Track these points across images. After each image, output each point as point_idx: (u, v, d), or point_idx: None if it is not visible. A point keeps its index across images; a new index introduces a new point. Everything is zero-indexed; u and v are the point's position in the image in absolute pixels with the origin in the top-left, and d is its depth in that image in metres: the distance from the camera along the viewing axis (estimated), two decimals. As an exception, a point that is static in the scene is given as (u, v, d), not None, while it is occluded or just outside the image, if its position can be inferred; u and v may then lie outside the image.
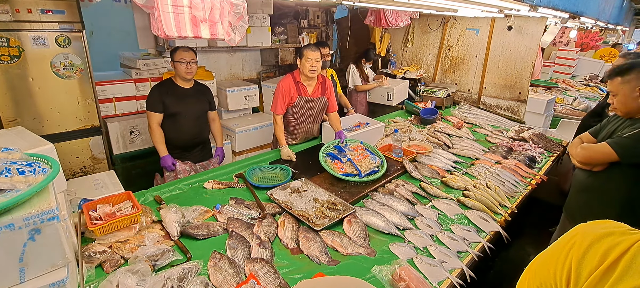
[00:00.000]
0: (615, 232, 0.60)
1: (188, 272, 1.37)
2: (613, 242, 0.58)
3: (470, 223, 1.94)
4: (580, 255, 0.60)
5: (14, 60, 2.44)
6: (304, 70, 2.68)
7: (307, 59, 2.62)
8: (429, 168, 2.58)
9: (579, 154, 2.03)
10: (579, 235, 0.63)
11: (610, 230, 0.61)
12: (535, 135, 3.37)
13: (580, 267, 0.59)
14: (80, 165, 2.86)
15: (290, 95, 2.75)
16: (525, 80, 4.00)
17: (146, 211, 1.82)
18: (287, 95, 2.74)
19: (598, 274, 0.56)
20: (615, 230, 0.60)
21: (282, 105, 2.74)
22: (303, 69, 2.68)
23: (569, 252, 0.61)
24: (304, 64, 2.64)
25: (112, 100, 3.23)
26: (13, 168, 1.08)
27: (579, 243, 0.61)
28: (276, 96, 2.74)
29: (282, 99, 2.73)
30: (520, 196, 2.32)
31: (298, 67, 2.77)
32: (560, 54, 6.87)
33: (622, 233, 0.59)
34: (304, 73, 2.70)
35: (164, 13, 1.71)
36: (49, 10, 2.48)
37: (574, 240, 0.63)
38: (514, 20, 3.26)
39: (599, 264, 0.57)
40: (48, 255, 1.06)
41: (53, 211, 1.04)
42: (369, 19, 4.27)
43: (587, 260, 0.59)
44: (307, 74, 2.68)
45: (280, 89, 2.72)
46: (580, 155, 2.02)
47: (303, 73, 2.71)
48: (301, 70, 2.71)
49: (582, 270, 0.58)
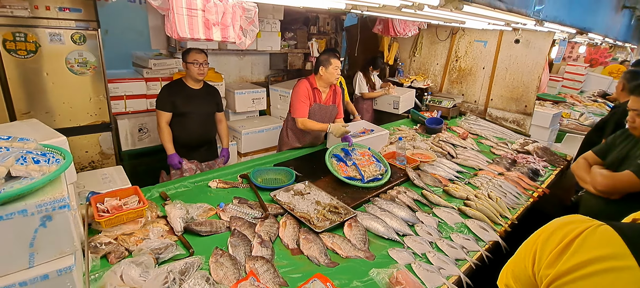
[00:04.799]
0: (575, 221, 0.69)
1: (190, 266, 1.40)
2: (571, 227, 0.68)
3: (469, 232, 1.95)
4: (544, 239, 0.71)
5: (30, 55, 2.52)
6: (329, 78, 2.77)
7: (335, 67, 2.73)
8: (432, 177, 2.59)
9: (601, 183, 1.90)
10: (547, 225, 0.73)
11: (571, 220, 0.71)
12: (539, 148, 3.37)
13: (543, 248, 0.69)
14: (89, 159, 2.93)
15: (309, 100, 2.82)
16: (532, 94, 4.01)
17: (152, 206, 1.86)
18: (307, 99, 2.80)
19: (556, 252, 0.66)
20: (576, 220, 0.70)
21: (304, 108, 2.79)
22: (328, 77, 2.76)
23: (537, 239, 0.72)
24: (331, 72, 2.74)
25: (123, 98, 3.30)
26: (28, 157, 1.13)
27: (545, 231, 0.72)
28: (296, 101, 2.79)
29: (303, 103, 2.78)
30: (521, 208, 2.32)
31: (314, 74, 2.83)
32: (569, 68, 6.85)
33: (582, 221, 0.69)
34: (328, 80, 2.79)
35: (178, 15, 1.77)
36: (67, 8, 2.56)
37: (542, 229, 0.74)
38: (521, 34, 3.28)
39: (558, 244, 0.67)
40: (57, 242, 1.10)
41: (64, 199, 1.08)
42: (377, 28, 4.32)
43: (549, 242, 0.69)
44: (333, 81, 2.80)
45: (300, 94, 2.78)
46: (602, 185, 1.89)
47: (326, 80, 2.79)
48: (324, 77, 2.78)
49: (545, 249, 0.69)
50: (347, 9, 1.76)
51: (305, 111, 2.80)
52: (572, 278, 0.62)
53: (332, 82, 2.85)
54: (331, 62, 2.73)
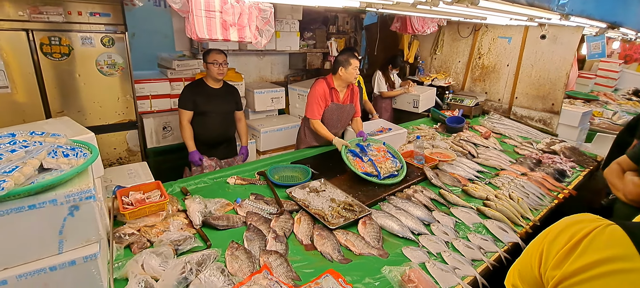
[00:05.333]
0: (584, 221, 0.66)
1: (207, 258, 1.46)
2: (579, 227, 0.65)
3: (488, 233, 1.90)
4: (551, 239, 0.68)
5: (64, 58, 2.69)
6: (348, 78, 2.78)
7: (354, 67, 2.75)
8: (451, 177, 2.54)
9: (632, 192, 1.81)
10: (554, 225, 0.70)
11: (580, 219, 0.67)
12: (567, 148, 3.22)
13: (550, 247, 0.67)
14: (116, 155, 3.09)
15: (325, 100, 2.83)
16: (559, 91, 3.84)
17: (173, 200, 1.95)
18: (323, 100, 2.82)
19: (563, 252, 0.64)
20: (585, 219, 0.67)
21: (319, 109, 2.81)
22: (348, 77, 2.78)
23: (544, 238, 0.70)
24: (351, 72, 2.75)
25: (148, 98, 3.45)
26: (59, 151, 1.21)
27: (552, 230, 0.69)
28: (312, 102, 2.81)
29: (318, 104, 2.80)
30: (544, 209, 2.23)
31: (331, 74, 2.85)
32: (602, 65, 6.49)
33: (590, 221, 0.65)
34: (347, 80, 2.81)
35: (197, 17, 1.84)
36: (97, 13, 2.71)
37: (549, 229, 0.70)
38: (547, 29, 3.15)
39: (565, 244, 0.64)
40: (84, 230, 1.18)
41: (90, 191, 1.15)
42: (395, 25, 4.28)
43: (556, 242, 0.66)
44: (351, 80, 2.82)
45: (316, 95, 2.79)
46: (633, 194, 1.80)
47: (345, 80, 2.81)
48: (343, 77, 2.79)
49: (552, 250, 0.66)
50: (361, 7, 1.76)
51: (318, 113, 2.81)
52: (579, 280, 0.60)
53: (351, 82, 2.86)
54: (351, 63, 2.73)
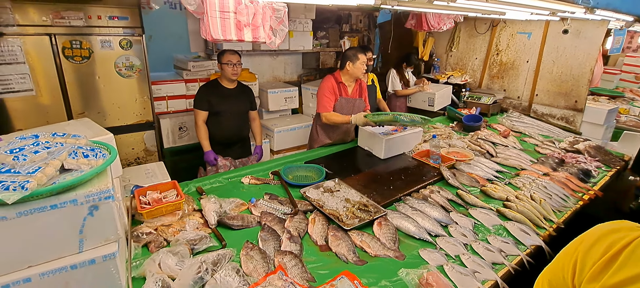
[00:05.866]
0: (622, 229, 0.61)
1: (222, 257, 1.46)
2: (617, 236, 0.60)
3: (509, 235, 1.84)
4: (586, 248, 0.62)
5: (84, 61, 2.76)
6: (356, 72, 2.83)
7: (362, 62, 2.80)
8: (468, 177, 2.48)
9: None
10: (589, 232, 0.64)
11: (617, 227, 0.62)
12: (591, 147, 3.10)
13: (586, 258, 0.61)
14: (134, 155, 3.15)
15: (334, 94, 2.86)
16: (583, 88, 3.69)
17: (188, 200, 1.97)
18: (332, 93, 2.85)
19: (601, 264, 0.59)
20: (623, 227, 0.61)
21: (329, 102, 2.84)
22: (355, 72, 2.83)
23: (578, 247, 0.64)
24: (358, 67, 2.81)
25: (165, 99, 3.50)
26: (79, 152, 1.24)
27: (587, 239, 0.64)
28: (321, 96, 2.84)
29: (328, 97, 2.84)
30: (568, 211, 2.15)
31: (339, 69, 2.89)
32: (627, 60, 6.21)
33: (630, 229, 0.60)
34: (354, 75, 2.86)
35: (212, 18, 1.85)
36: (115, 17, 2.77)
37: (583, 237, 0.65)
38: (570, 24, 3.03)
39: (602, 255, 0.59)
40: (103, 229, 1.20)
41: (109, 191, 1.17)
42: (410, 23, 4.21)
43: (592, 252, 0.61)
44: (359, 75, 2.87)
45: (325, 89, 2.84)
46: None
47: (353, 75, 2.86)
48: (351, 72, 2.84)
49: (587, 260, 0.61)
50: (376, 4, 1.73)
51: (329, 106, 2.84)
52: None
53: (359, 77, 2.91)
54: (358, 57, 2.79)
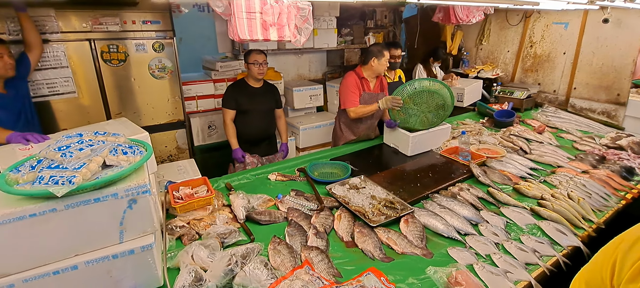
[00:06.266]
0: None
1: (250, 251, 1.50)
2: None
3: (544, 235, 1.76)
4: (626, 248, 0.60)
5: (121, 64, 2.92)
6: (379, 69, 2.85)
7: (387, 59, 2.83)
8: (500, 174, 2.39)
9: None
10: (629, 231, 0.62)
11: None
12: (635, 143, 2.89)
13: (625, 259, 0.59)
14: (167, 153, 3.30)
15: (358, 88, 2.87)
16: (625, 80, 3.45)
17: (218, 195, 2.04)
18: (357, 88, 2.86)
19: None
20: None
21: (355, 97, 2.85)
22: (379, 68, 2.84)
23: (618, 246, 0.62)
24: (383, 63, 2.82)
25: (194, 98, 3.63)
26: (119, 149, 1.32)
27: (627, 238, 0.62)
28: (346, 92, 2.85)
29: (353, 93, 2.85)
30: (610, 211, 2.02)
31: (361, 65, 2.90)
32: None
33: None
34: (377, 71, 2.87)
35: (239, 19, 1.90)
36: (149, 21, 2.91)
37: (624, 236, 0.63)
38: (610, 12, 2.83)
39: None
40: (141, 222, 1.28)
41: (146, 186, 1.24)
42: (438, 16, 4.10)
43: (632, 252, 0.59)
44: (381, 72, 2.90)
45: (350, 85, 2.85)
46: None
47: (376, 71, 2.87)
48: (374, 68, 2.84)
49: (626, 261, 0.59)
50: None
51: (356, 100, 2.85)
52: None
53: (381, 73, 2.93)
54: (384, 54, 2.79)
